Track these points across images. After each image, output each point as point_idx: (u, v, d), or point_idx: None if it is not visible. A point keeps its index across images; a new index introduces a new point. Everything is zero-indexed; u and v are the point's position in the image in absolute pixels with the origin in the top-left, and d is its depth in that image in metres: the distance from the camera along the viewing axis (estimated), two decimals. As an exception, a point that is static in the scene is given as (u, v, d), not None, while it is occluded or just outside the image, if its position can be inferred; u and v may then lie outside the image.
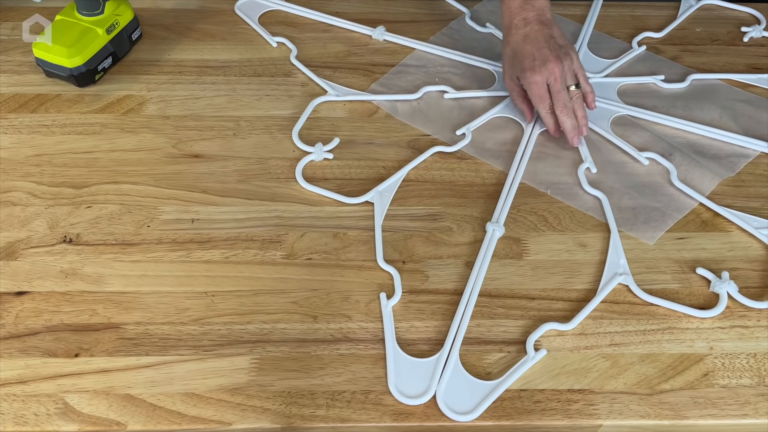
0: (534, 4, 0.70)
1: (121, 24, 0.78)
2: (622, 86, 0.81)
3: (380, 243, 0.64)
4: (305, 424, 0.54)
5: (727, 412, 0.55)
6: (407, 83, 0.80)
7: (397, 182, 0.69)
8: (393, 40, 0.84)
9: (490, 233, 0.65)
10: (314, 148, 0.71)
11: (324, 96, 0.77)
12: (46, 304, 0.59)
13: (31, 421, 0.52)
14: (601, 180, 0.72)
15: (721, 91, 0.82)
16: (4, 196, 0.67)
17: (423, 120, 0.76)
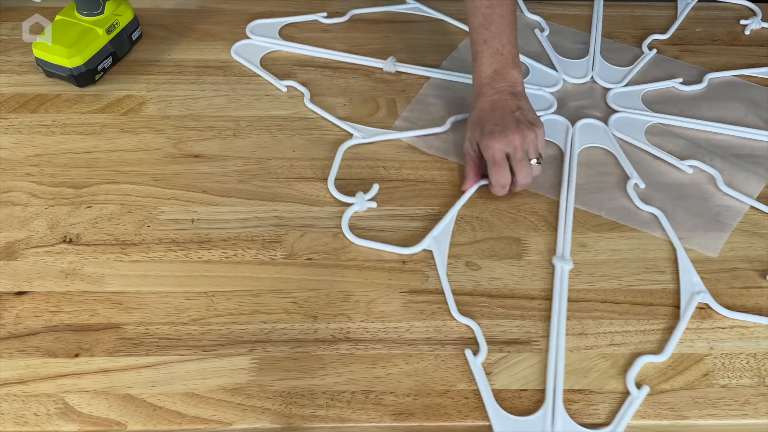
0: (506, 75, 0.68)
1: (121, 24, 0.78)
2: (644, 93, 0.81)
3: (450, 294, 0.61)
4: (305, 424, 0.54)
5: (727, 412, 0.55)
6: (432, 115, 0.76)
7: (450, 224, 0.66)
8: (405, 70, 0.81)
9: (559, 270, 0.63)
10: (355, 198, 0.67)
11: (351, 140, 0.72)
12: (46, 304, 0.59)
13: (31, 421, 0.52)
14: (650, 194, 0.70)
15: (740, 88, 0.82)
16: (4, 196, 0.67)
17: (458, 151, 0.73)
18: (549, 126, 0.75)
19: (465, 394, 0.55)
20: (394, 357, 0.57)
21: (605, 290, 0.63)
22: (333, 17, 0.85)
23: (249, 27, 0.84)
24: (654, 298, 0.62)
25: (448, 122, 0.75)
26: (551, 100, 0.79)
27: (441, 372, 0.57)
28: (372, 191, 0.67)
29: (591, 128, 0.76)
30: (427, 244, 0.64)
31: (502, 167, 0.66)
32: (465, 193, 0.69)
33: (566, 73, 0.82)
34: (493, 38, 0.68)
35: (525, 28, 0.88)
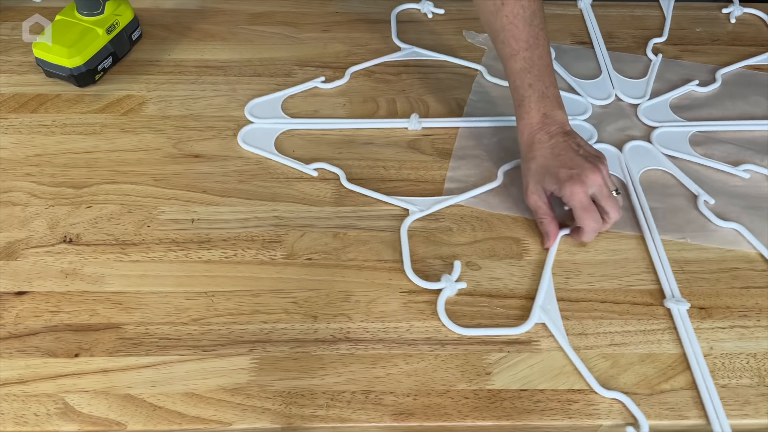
0: (555, 118, 0.66)
1: (121, 24, 0.78)
2: (673, 104, 0.80)
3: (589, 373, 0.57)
4: (305, 424, 0.54)
5: (727, 412, 0.55)
6: (478, 168, 0.72)
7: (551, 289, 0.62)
8: (431, 125, 0.75)
9: (676, 312, 0.61)
10: (442, 282, 0.61)
11: (409, 217, 0.66)
12: (46, 304, 0.59)
13: (31, 421, 0.52)
14: (722, 208, 0.69)
15: (753, 79, 0.83)
16: (4, 196, 0.67)
17: (521, 205, 0.68)
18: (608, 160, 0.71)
19: (465, 394, 0.55)
20: (394, 357, 0.57)
21: (605, 290, 0.63)
22: (331, 81, 0.79)
23: (247, 108, 0.75)
24: (654, 298, 0.62)
25: (500, 174, 0.71)
26: (591, 130, 0.76)
27: (441, 372, 0.57)
28: (455, 270, 0.62)
29: (639, 150, 0.74)
30: (537, 317, 0.60)
31: (592, 211, 0.62)
32: (550, 251, 0.65)
33: (589, 96, 0.80)
34: (537, 82, 0.66)
35: None
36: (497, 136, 0.75)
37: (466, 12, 0.89)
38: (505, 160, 0.72)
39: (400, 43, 0.83)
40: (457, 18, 0.89)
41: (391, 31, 0.86)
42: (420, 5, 0.88)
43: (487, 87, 0.80)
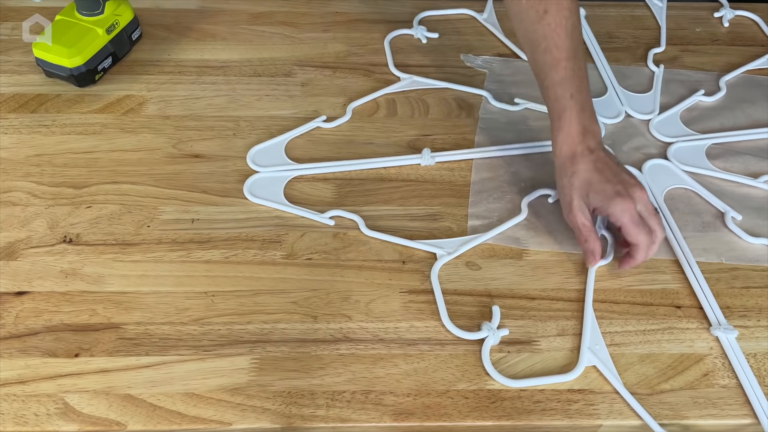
0: (593, 131, 0.63)
1: (121, 24, 0.78)
2: (682, 116, 0.79)
3: (646, 413, 0.55)
4: (305, 424, 0.54)
5: (727, 412, 0.55)
6: (501, 202, 0.69)
7: (595, 327, 0.60)
8: (443, 159, 0.72)
9: (724, 339, 0.59)
10: (485, 330, 0.58)
11: (438, 261, 0.63)
12: (46, 304, 0.59)
13: (31, 421, 0.52)
14: (748, 224, 0.68)
15: (757, 84, 0.82)
16: (4, 196, 0.67)
17: (549, 237, 0.66)
18: None
19: (465, 394, 0.55)
20: (394, 357, 0.57)
21: (605, 290, 0.63)
22: (331, 121, 0.75)
23: (250, 156, 0.71)
24: (654, 298, 0.62)
25: (524, 207, 0.68)
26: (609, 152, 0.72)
27: (441, 372, 0.57)
28: (495, 317, 0.59)
29: (659, 169, 0.73)
30: (587, 361, 0.57)
31: (644, 226, 0.60)
32: (588, 283, 0.63)
33: (600, 115, 0.75)
34: (578, 93, 0.63)
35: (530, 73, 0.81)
36: (514, 165, 0.72)
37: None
38: (526, 191, 0.69)
39: (398, 73, 0.80)
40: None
41: (386, 58, 0.83)
42: (413, 30, 0.85)
43: (494, 113, 0.77)
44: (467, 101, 0.79)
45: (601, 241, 0.63)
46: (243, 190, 0.67)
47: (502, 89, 0.80)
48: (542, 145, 0.74)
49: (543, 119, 0.77)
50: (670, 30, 0.89)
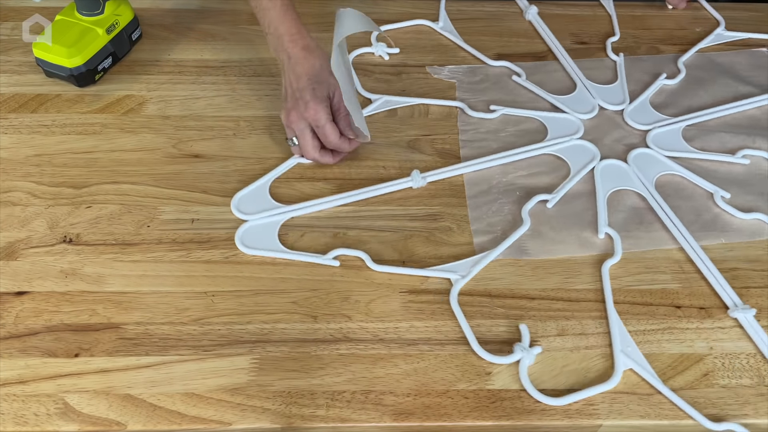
0: None
1: (121, 24, 0.78)
2: (650, 101, 0.80)
3: (688, 406, 0.55)
4: (305, 424, 0.54)
5: (727, 412, 0.55)
6: (501, 215, 0.68)
7: (623, 329, 0.60)
8: (434, 178, 0.70)
9: (745, 321, 0.60)
10: (518, 352, 0.57)
11: (455, 287, 0.62)
12: (46, 304, 0.59)
13: (31, 421, 0.52)
14: (737, 201, 0.69)
15: (713, 62, 0.85)
16: (4, 196, 0.67)
17: (556, 243, 0.66)
18: (617, 175, 0.72)
19: (465, 394, 0.55)
20: (394, 357, 0.57)
21: (605, 290, 0.63)
22: None
23: (234, 204, 0.66)
24: (654, 298, 0.62)
25: (525, 216, 0.67)
26: (594, 151, 0.74)
27: (441, 372, 0.57)
28: (525, 336, 0.58)
29: (643, 159, 0.74)
30: (623, 365, 0.57)
31: None
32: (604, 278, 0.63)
33: (576, 111, 0.78)
34: None
35: (504, 78, 0.82)
36: (505, 175, 0.72)
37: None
38: (523, 200, 0.69)
39: (368, 95, 0.78)
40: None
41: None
42: (373, 48, 0.83)
43: (473, 124, 0.76)
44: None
45: None
46: (235, 239, 0.64)
47: (475, 97, 0.79)
48: (526, 150, 0.74)
49: (522, 122, 0.77)
50: (671, 30, 0.90)
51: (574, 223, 0.68)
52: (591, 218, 0.68)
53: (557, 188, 0.70)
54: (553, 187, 0.70)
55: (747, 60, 0.86)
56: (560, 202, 0.69)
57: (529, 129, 0.76)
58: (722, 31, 0.90)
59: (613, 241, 0.66)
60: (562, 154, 0.74)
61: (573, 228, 0.67)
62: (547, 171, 0.72)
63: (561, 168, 0.73)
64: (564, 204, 0.69)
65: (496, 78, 0.82)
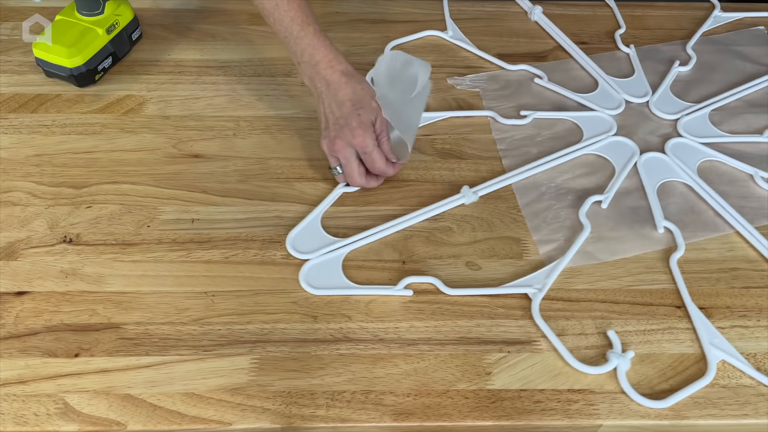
0: None
1: (121, 24, 0.78)
2: (672, 90, 0.82)
3: None
4: (305, 424, 0.54)
5: (727, 412, 0.55)
6: (560, 222, 0.68)
7: (706, 322, 0.60)
8: (485, 192, 0.69)
9: None
10: (613, 359, 0.57)
11: (534, 301, 0.61)
12: (46, 304, 0.59)
13: (31, 421, 0.52)
14: None
15: (719, 45, 0.88)
16: (4, 196, 0.67)
17: (618, 243, 0.66)
18: (659, 167, 0.73)
19: (465, 394, 0.55)
20: (394, 357, 0.57)
21: (605, 290, 0.63)
22: None
23: (289, 242, 0.64)
24: (654, 298, 0.62)
25: (584, 220, 0.67)
26: (633, 146, 0.75)
27: (441, 372, 0.57)
28: (615, 341, 0.58)
29: (680, 147, 0.75)
30: (714, 358, 0.58)
31: None
32: (674, 270, 0.64)
33: (603, 107, 0.79)
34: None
35: (526, 81, 0.82)
36: (554, 180, 0.72)
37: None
38: (576, 203, 0.69)
39: None
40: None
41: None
42: None
43: (507, 131, 0.76)
44: (467, 101, 0.79)
45: None
46: (300, 282, 0.61)
47: (502, 105, 0.79)
48: (568, 151, 0.74)
49: (555, 125, 0.77)
50: (670, 30, 0.90)
51: (632, 220, 0.68)
52: (645, 214, 0.69)
53: (607, 187, 0.70)
54: (600, 187, 0.71)
55: (748, 40, 0.89)
56: (612, 201, 0.70)
57: (563, 131, 0.77)
58: (719, 13, 0.92)
59: (673, 234, 0.67)
60: (603, 153, 0.74)
61: (632, 226, 0.68)
62: (591, 171, 0.73)
63: (603, 167, 0.73)
64: (615, 203, 0.70)
65: (518, 82, 0.82)
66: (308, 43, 0.65)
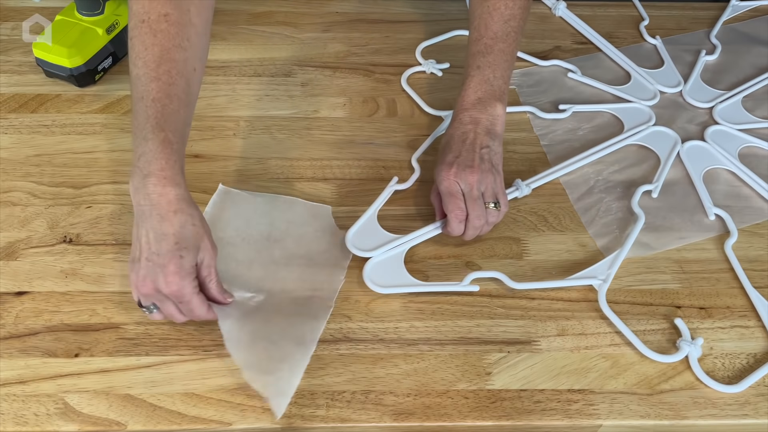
0: (488, 106, 0.65)
1: (121, 24, 0.78)
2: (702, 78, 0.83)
3: None
4: (305, 424, 0.54)
5: (727, 412, 0.55)
6: (612, 215, 0.68)
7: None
8: (537, 184, 0.70)
9: None
10: (684, 347, 0.58)
11: (600, 292, 0.62)
12: (46, 304, 0.59)
13: (31, 421, 0.52)
14: None
15: (740, 32, 0.89)
16: (4, 196, 0.67)
17: (671, 232, 0.67)
18: (702, 155, 0.74)
19: (465, 394, 0.55)
20: (394, 357, 0.57)
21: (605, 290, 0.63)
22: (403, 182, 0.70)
23: (350, 240, 0.63)
24: (654, 298, 0.62)
25: (636, 209, 0.68)
26: (674, 136, 0.76)
27: (441, 372, 0.57)
28: (684, 330, 0.59)
29: (720, 135, 0.76)
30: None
31: (457, 198, 0.61)
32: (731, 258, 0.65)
33: (638, 99, 0.80)
34: (486, 68, 0.66)
35: (559, 77, 0.83)
36: (601, 173, 0.72)
37: None
38: (626, 194, 0.70)
39: (435, 112, 0.77)
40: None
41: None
42: (424, 66, 0.82)
43: (547, 126, 0.77)
44: None
45: None
46: (364, 278, 0.61)
47: (539, 100, 0.80)
48: (612, 143, 0.75)
49: (594, 118, 0.78)
50: (670, 30, 0.90)
51: (682, 209, 0.69)
52: (694, 202, 0.70)
53: (655, 177, 0.71)
54: (647, 177, 0.72)
55: None
56: (660, 191, 0.70)
57: (603, 123, 0.78)
58: (736, 2, 0.93)
59: (724, 220, 0.68)
60: (646, 143, 0.75)
61: (682, 214, 0.69)
62: (636, 162, 0.74)
63: (647, 157, 0.74)
64: (663, 192, 0.71)
65: (552, 78, 0.83)
66: (151, 148, 0.54)
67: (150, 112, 0.55)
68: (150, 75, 0.56)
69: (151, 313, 0.55)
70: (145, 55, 0.56)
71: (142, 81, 0.56)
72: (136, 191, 0.54)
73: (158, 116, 0.55)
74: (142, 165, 0.54)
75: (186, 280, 0.53)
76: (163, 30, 0.57)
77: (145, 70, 0.56)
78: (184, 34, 0.58)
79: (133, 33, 0.57)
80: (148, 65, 0.56)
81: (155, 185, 0.53)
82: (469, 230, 0.62)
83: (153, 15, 0.57)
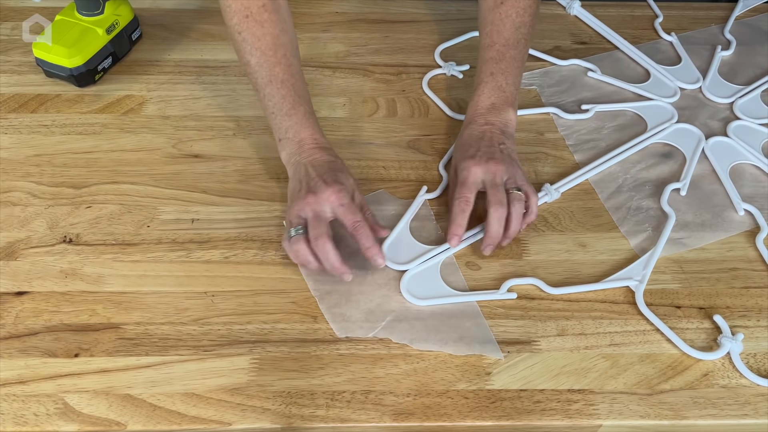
0: (501, 111, 0.67)
1: (121, 24, 0.78)
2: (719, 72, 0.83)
3: None
4: (305, 424, 0.54)
5: (727, 412, 0.55)
6: (645, 213, 0.68)
7: None
8: (565, 188, 0.70)
9: None
10: (726, 343, 0.58)
11: (637, 293, 0.62)
12: (46, 304, 0.59)
13: (31, 421, 0.52)
14: None
15: (752, 26, 0.89)
16: (4, 196, 0.67)
17: (704, 229, 0.67)
18: (726, 151, 0.74)
19: (465, 394, 0.55)
20: (394, 357, 0.57)
21: (605, 290, 0.63)
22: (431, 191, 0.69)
23: (387, 248, 0.63)
24: (654, 298, 0.62)
25: (667, 209, 0.68)
26: (697, 132, 0.76)
27: (441, 372, 0.57)
28: (724, 327, 0.60)
29: (742, 130, 0.77)
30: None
31: (471, 193, 0.62)
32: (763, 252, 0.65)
33: (658, 96, 0.80)
34: (499, 74, 0.68)
35: (579, 76, 0.83)
36: (628, 171, 0.72)
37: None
38: (655, 192, 0.70)
39: (458, 116, 0.77)
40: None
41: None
42: (444, 69, 0.82)
43: (571, 126, 0.77)
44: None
45: None
46: (402, 291, 0.60)
47: (561, 100, 0.80)
48: (638, 141, 0.75)
49: (617, 117, 0.78)
50: (670, 30, 0.89)
51: (710, 205, 0.70)
52: (722, 198, 0.70)
53: (682, 175, 0.72)
54: (674, 175, 0.72)
55: None
56: (688, 188, 0.71)
57: (626, 122, 0.78)
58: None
59: (754, 215, 0.68)
60: (671, 141, 0.75)
61: (712, 210, 0.69)
62: (662, 160, 0.74)
63: (672, 154, 0.74)
64: (691, 189, 0.71)
65: (572, 77, 0.83)
66: (296, 122, 0.64)
67: (284, 92, 0.64)
68: (271, 61, 0.64)
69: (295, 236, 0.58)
70: (260, 45, 0.64)
71: (264, 67, 0.64)
72: (290, 156, 0.63)
73: (293, 95, 0.64)
74: (291, 135, 0.64)
75: (343, 192, 0.59)
76: (266, 20, 0.64)
77: (265, 58, 0.64)
78: (281, 18, 0.66)
79: (240, 28, 0.64)
80: (266, 54, 0.64)
81: (311, 147, 0.63)
82: (491, 224, 0.61)
83: (254, 9, 0.64)
